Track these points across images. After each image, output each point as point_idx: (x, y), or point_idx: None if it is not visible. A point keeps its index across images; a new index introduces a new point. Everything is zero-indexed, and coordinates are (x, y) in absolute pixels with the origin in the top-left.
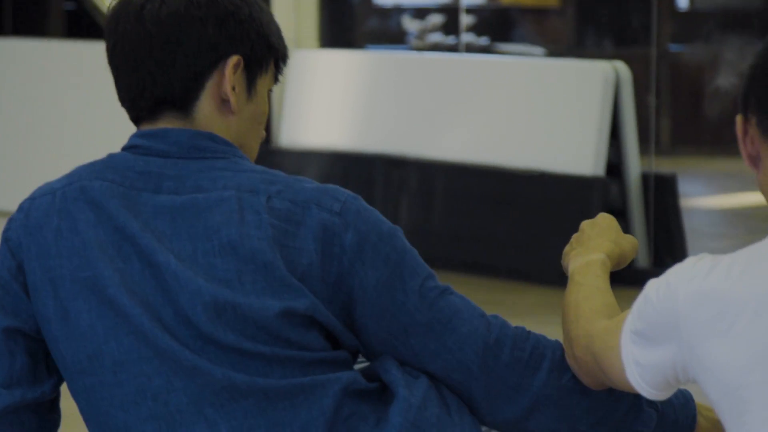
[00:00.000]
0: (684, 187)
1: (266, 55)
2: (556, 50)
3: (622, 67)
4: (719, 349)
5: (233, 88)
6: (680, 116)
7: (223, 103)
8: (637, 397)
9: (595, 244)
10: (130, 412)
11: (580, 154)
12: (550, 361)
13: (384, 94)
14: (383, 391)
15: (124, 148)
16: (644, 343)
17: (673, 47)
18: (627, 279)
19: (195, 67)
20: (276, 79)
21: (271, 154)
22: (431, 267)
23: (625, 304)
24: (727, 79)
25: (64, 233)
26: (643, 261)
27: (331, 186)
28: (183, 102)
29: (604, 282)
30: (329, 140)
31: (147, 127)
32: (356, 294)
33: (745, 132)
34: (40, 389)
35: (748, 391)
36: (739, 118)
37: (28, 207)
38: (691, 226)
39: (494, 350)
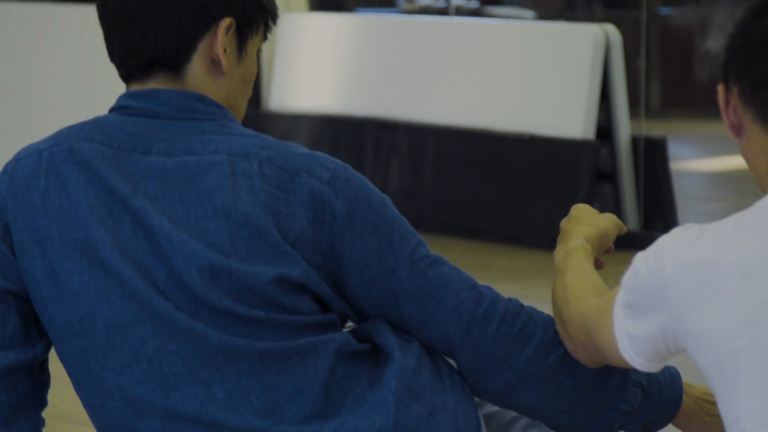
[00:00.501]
0: (674, 150)
1: (258, 16)
2: (546, 13)
3: (612, 30)
4: (708, 315)
5: (225, 50)
6: (670, 79)
7: (214, 64)
8: (623, 377)
9: (572, 235)
10: (123, 375)
11: (570, 118)
12: (539, 339)
13: (374, 58)
14: (375, 353)
15: (113, 109)
16: (635, 315)
17: (663, 10)
18: (618, 242)
19: (188, 29)
20: (264, 38)
21: (260, 118)
22: (420, 230)
23: (616, 267)
24: (717, 42)
25: (52, 194)
26: (633, 224)
27: (320, 154)
28: (174, 63)
29: (588, 264)
30: (319, 104)
31: (137, 88)
32: (346, 262)
33: (727, 102)
34: (33, 351)
35: (736, 356)
36: (720, 88)
37: (13, 168)
38: (681, 189)
39: (481, 324)
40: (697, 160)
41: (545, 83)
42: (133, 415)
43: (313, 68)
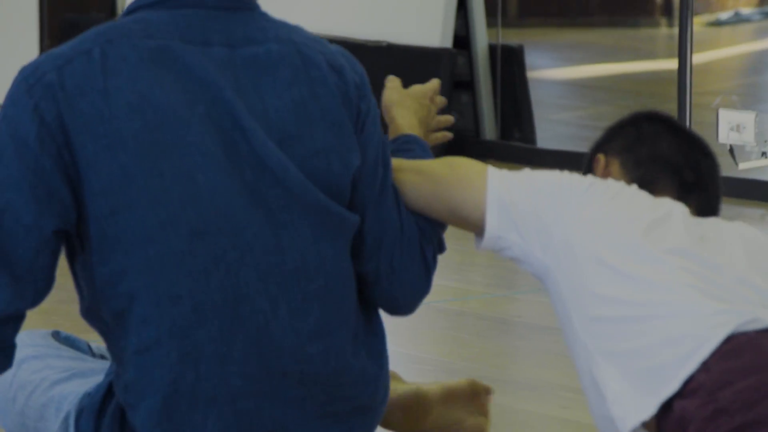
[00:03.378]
0: (530, 58)
1: None
2: None
3: None
4: (596, 207)
5: None
6: None
7: None
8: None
9: (399, 126)
10: (199, 281)
11: (427, 26)
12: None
13: None
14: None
15: (142, 6)
16: (522, 196)
17: None
18: (474, 151)
19: None
20: None
21: None
22: None
23: None
24: None
25: (114, 93)
26: (491, 134)
27: (342, 50)
28: None
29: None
30: None
31: None
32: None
33: (605, 167)
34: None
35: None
36: (601, 158)
37: (58, 76)
38: (537, 97)
39: (406, 258)
40: (553, 68)
41: None
42: (196, 321)
43: None
